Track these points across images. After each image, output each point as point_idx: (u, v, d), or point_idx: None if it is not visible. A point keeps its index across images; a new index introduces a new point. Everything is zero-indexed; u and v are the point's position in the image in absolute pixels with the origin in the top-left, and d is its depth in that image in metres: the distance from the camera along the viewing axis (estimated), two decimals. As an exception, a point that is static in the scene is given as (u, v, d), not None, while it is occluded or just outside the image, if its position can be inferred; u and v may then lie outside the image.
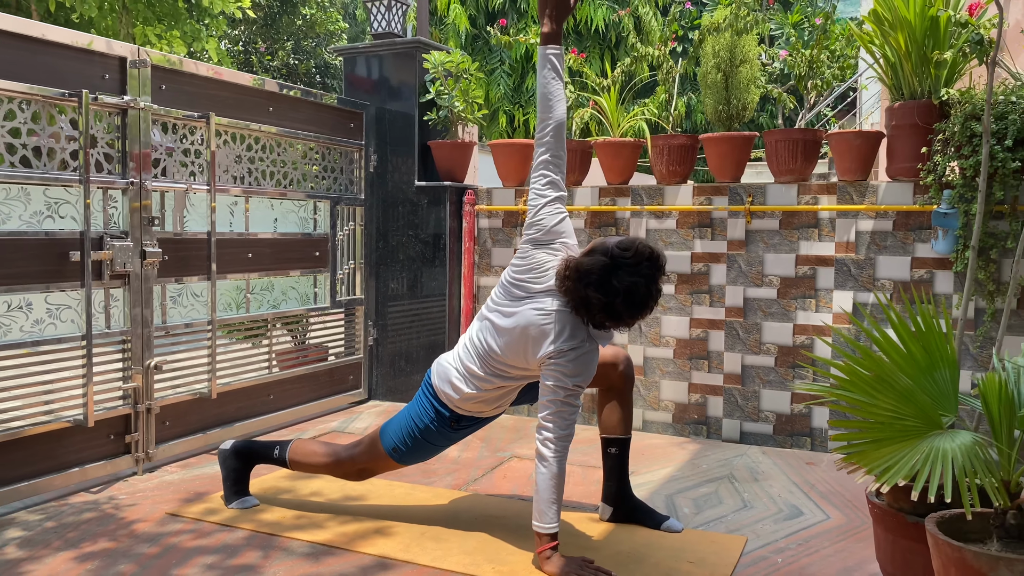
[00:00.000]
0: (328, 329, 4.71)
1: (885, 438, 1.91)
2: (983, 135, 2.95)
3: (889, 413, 1.92)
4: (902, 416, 1.91)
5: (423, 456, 2.92)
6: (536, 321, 2.58)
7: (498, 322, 2.67)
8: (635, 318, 2.53)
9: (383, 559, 2.67)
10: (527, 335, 2.59)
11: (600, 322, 2.55)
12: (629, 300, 2.47)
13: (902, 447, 1.87)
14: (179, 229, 3.71)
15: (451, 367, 2.79)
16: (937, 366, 2.07)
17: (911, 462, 1.83)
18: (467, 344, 2.77)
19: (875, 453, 1.90)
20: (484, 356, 2.70)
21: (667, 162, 4.37)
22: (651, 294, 2.50)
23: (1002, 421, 1.94)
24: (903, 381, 1.93)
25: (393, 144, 4.91)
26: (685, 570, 2.59)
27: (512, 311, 2.64)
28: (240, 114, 4.01)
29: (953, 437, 1.88)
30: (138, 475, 3.53)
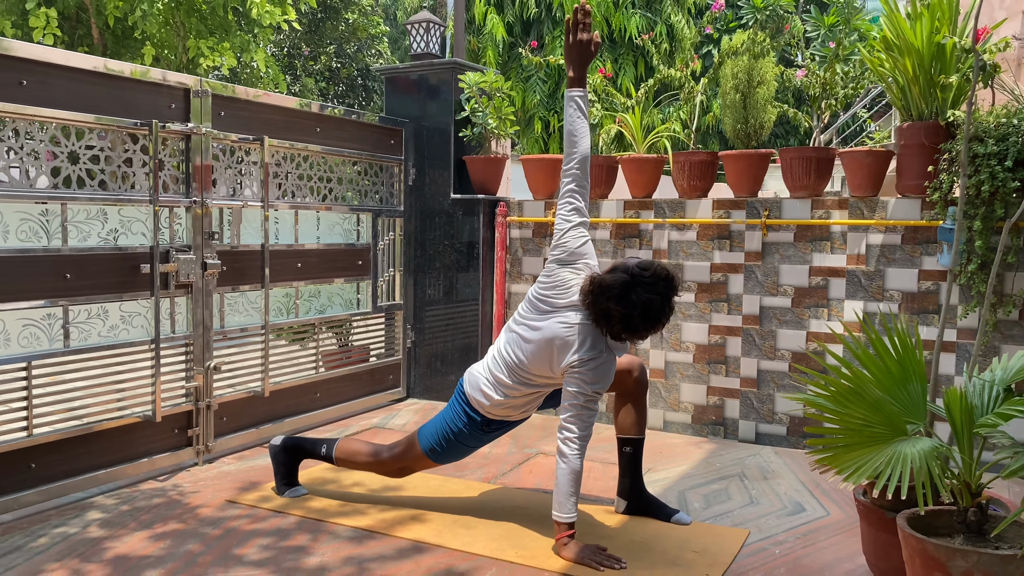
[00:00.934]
0: (370, 332, 5.05)
1: (855, 443, 2.17)
2: (962, 149, 3.17)
3: (859, 421, 2.19)
4: (871, 424, 2.17)
5: (457, 456, 3.23)
6: (560, 333, 2.88)
7: (525, 334, 2.97)
8: (649, 331, 2.82)
9: (418, 543, 2.99)
10: (552, 346, 2.89)
11: (617, 333, 2.84)
12: (645, 314, 2.76)
13: (869, 451, 2.13)
14: (236, 242, 4.07)
15: (481, 376, 3.10)
16: (910, 379, 2.33)
17: (875, 464, 2.09)
18: (496, 355, 3.08)
19: (845, 456, 2.16)
20: (512, 366, 3.00)
21: (688, 177, 4.63)
22: (664, 310, 2.79)
23: (963, 430, 2.19)
24: (873, 393, 2.19)
25: (430, 159, 5.23)
26: (689, 559, 2.87)
27: (538, 324, 2.94)
28: (290, 135, 4.36)
29: (915, 443, 2.13)
30: (199, 466, 3.90)
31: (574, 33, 3.01)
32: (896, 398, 2.30)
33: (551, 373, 2.94)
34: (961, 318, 4.03)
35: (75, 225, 3.41)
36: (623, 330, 2.81)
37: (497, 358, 3.06)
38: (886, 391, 2.29)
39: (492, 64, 9.95)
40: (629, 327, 2.79)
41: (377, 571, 2.76)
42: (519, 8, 10.12)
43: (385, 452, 3.33)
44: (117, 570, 2.74)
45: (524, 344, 2.96)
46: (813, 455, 2.25)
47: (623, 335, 2.85)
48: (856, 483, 2.11)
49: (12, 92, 3.14)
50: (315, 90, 15.65)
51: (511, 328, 3.05)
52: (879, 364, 2.37)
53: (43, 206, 3.29)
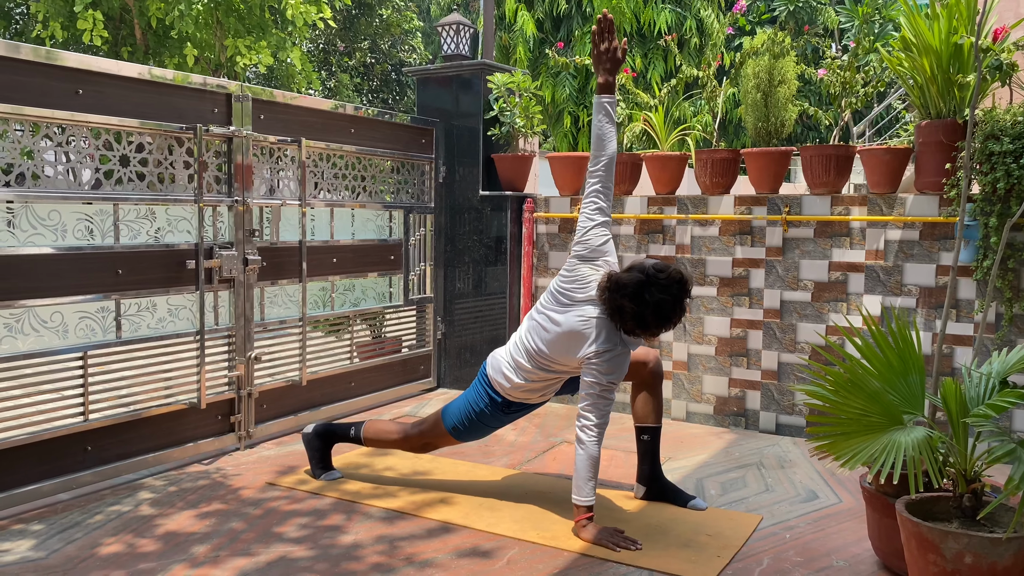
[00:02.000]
0: (402, 324, 5.25)
1: (853, 432, 2.30)
2: (965, 146, 3.26)
3: (858, 411, 2.31)
4: (868, 413, 2.30)
5: (478, 435, 3.40)
6: (577, 327, 3.04)
7: (545, 324, 3.13)
8: (660, 329, 2.96)
9: (445, 523, 3.18)
10: (570, 338, 3.05)
11: (630, 329, 2.99)
12: (657, 313, 2.91)
13: (866, 439, 2.26)
14: (275, 239, 4.28)
15: (503, 360, 3.27)
16: (909, 371, 2.45)
17: (871, 451, 2.22)
18: (517, 341, 3.25)
19: (843, 444, 2.29)
20: (531, 352, 3.17)
21: (711, 174, 4.74)
22: (676, 311, 2.94)
23: (958, 419, 2.32)
24: (871, 384, 2.32)
25: (460, 157, 5.41)
26: (702, 541, 3.01)
27: (557, 317, 3.10)
28: (326, 136, 4.56)
29: (910, 432, 2.26)
30: (240, 450, 4.12)
31: (599, 42, 3.16)
32: (896, 389, 2.43)
33: (568, 362, 3.10)
34: (977, 312, 4.11)
35: (126, 224, 3.63)
36: (636, 326, 2.96)
37: (519, 344, 3.23)
38: (887, 383, 2.41)
39: (522, 60, 10.09)
40: (641, 324, 2.93)
41: (407, 549, 2.95)
42: (549, 5, 10.25)
43: (411, 430, 3.51)
44: (167, 545, 2.96)
45: (544, 333, 3.13)
46: (813, 442, 2.38)
47: (636, 331, 2.99)
48: (851, 468, 2.24)
49: (68, 100, 3.37)
50: (350, 86, 15.90)
51: (533, 316, 3.22)
52: (880, 357, 2.50)
53: (96, 206, 3.52)
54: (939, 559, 2.24)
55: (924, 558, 2.28)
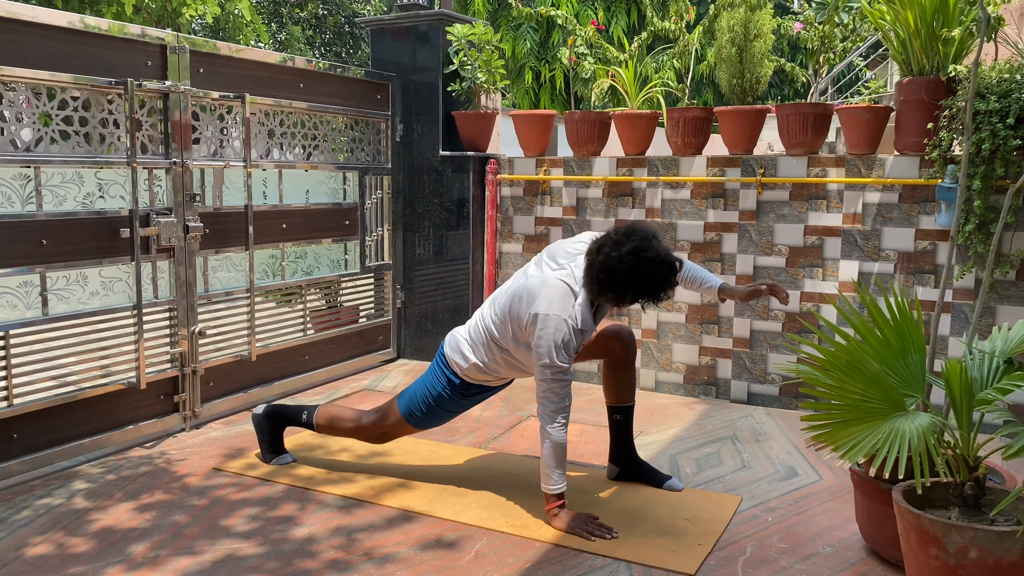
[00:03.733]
0: (358, 293, 4.97)
1: (852, 419, 2.12)
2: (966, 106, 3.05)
3: (857, 396, 2.13)
4: (869, 399, 2.12)
5: (437, 421, 3.17)
6: (529, 285, 2.82)
7: (499, 298, 2.93)
8: (639, 295, 2.70)
9: (407, 511, 2.96)
10: (519, 298, 2.83)
11: (606, 283, 2.66)
12: (650, 278, 2.66)
13: (866, 427, 2.09)
14: (218, 204, 3.97)
15: (462, 339, 3.04)
16: (908, 350, 2.27)
17: (872, 441, 2.04)
18: (478, 320, 3.02)
19: (842, 432, 2.12)
20: (489, 331, 2.95)
21: (683, 134, 4.52)
22: (664, 283, 2.69)
23: (962, 404, 2.15)
24: (871, 367, 2.13)
25: (418, 114, 5.10)
26: (681, 527, 2.84)
27: (513, 284, 2.91)
28: (272, 92, 4.23)
29: (913, 419, 2.09)
30: (186, 432, 3.85)
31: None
32: (893, 370, 2.25)
33: (514, 339, 2.87)
34: (958, 279, 3.97)
35: (49, 189, 3.30)
36: (619, 285, 2.65)
37: (479, 323, 3.01)
38: (883, 363, 2.23)
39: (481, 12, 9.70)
40: (628, 283, 2.65)
41: (366, 542, 2.73)
42: (509, -46, 9.82)
43: (365, 418, 3.26)
44: (102, 543, 2.70)
45: (498, 307, 2.93)
46: (809, 431, 2.20)
47: (609, 290, 2.68)
48: (853, 461, 2.07)
49: (-22, 51, 3.01)
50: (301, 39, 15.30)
51: (494, 298, 3.01)
52: (875, 334, 2.31)
53: (13, 170, 3.18)
54: (941, 553, 2.09)
55: (924, 551, 2.13)
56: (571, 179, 4.84)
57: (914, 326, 2.26)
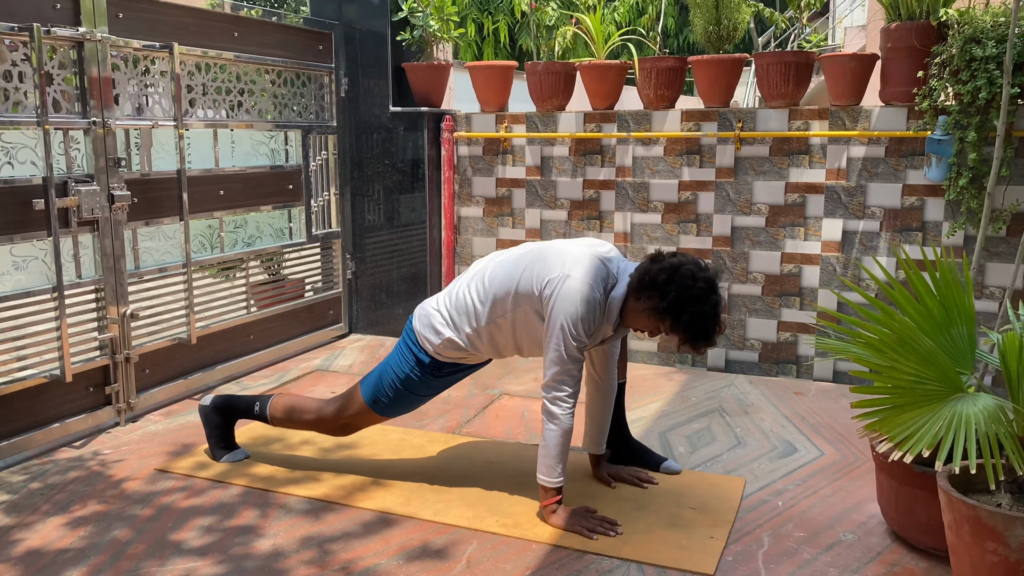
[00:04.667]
0: (305, 264, 4.56)
1: (906, 403, 1.88)
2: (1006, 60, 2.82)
3: (911, 377, 1.89)
4: (924, 380, 1.88)
5: (406, 407, 2.84)
6: (560, 249, 2.56)
7: (496, 268, 2.61)
8: (682, 322, 2.39)
9: (384, 514, 2.64)
10: (541, 260, 2.53)
11: (666, 291, 2.39)
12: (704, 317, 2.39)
13: (923, 412, 1.84)
14: (147, 169, 3.51)
15: (434, 312, 2.71)
16: (954, 322, 2.03)
17: (933, 429, 1.80)
18: (459, 292, 2.69)
19: (895, 420, 1.87)
20: (475, 302, 2.62)
21: (655, 86, 4.21)
22: (705, 333, 2.41)
23: (1020, 381, 1.92)
24: (924, 343, 1.89)
25: (364, 67, 4.66)
26: (688, 517, 2.59)
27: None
28: (203, 41, 3.75)
29: (975, 401, 1.85)
30: (121, 426, 3.43)
31: None
32: (941, 346, 2.01)
33: (516, 308, 2.55)
34: (948, 235, 3.79)
35: (-55, 155, 2.82)
36: (677, 300, 2.37)
37: (462, 293, 2.68)
38: (930, 338, 1.98)
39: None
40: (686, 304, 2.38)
41: (341, 553, 2.40)
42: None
43: (326, 409, 2.89)
44: (28, 570, 2.31)
45: (495, 274, 2.62)
46: (861, 420, 1.95)
47: (664, 301, 2.38)
48: (915, 453, 1.82)
49: None
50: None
51: (481, 269, 2.68)
52: (917, 306, 2.07)
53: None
54: (1001, 548, 1.87)
55: (980, 545, 1.91)
56: (535, 136, 4.50)
57: (961, 294, 2.02)
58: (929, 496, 2.27)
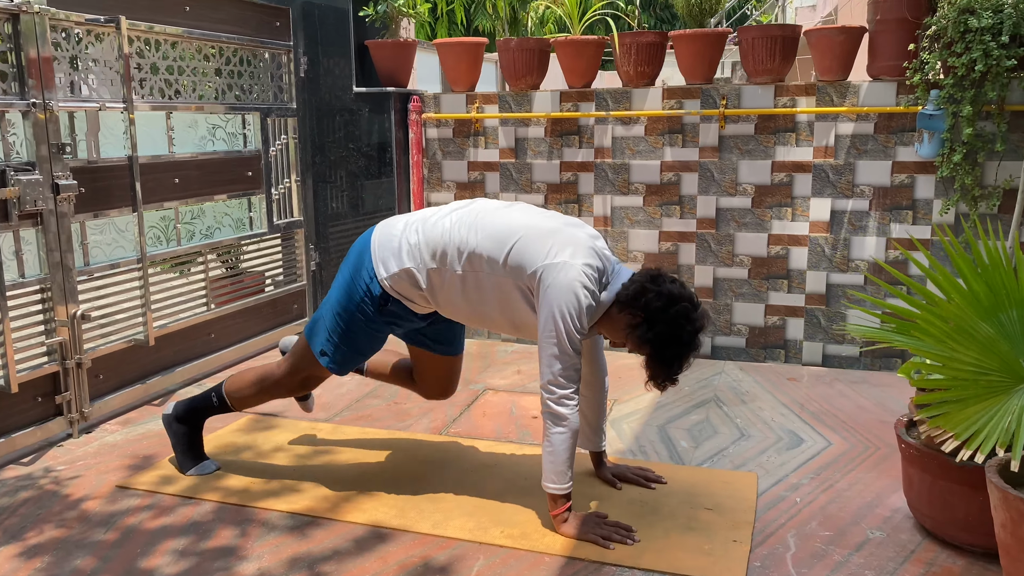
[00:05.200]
0: (267, 256, 4.27)
1: (970, 396, 1.73)
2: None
3: (972, 368, 1.74)
4: (986, 370, 1.73)
5: (354, 354, 2.55)
6: (553, 228, 2.34)
7: (491, 218, 2.38)
8: (656, 337, 2.24)
9: (377, 528, 2.42)
10: (539, 234, 2.31)
11: (647, 307, 2.24)
12: (677, 340, 2.26)
13: (988, 406, 1.70)
14: (94, 156, 3.20)
15: (400, 237, 2.43)
16: (1003, 307, 1.89)
17: (1003, 424, 1.65)
18: (435, 224, 2.42)
19: (960, 415, 1.72)
20: (450, 241, 2.38)
21: (635, 62, 4.02)
22: (677, 356, 2.29)
23: (1080, 366, 1.78)
24: (984, 330, 1.74)
25: (325, 45, 4.38)
26: (706, 519, 2.43)
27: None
28: (152, 15, 3.44)
29: (1042, 392, 1.71)
30: (74, 438, 3.13)
31: None
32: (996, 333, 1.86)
33: (494, 266, 2.33)
34: (942, 213, 3.69)
35: None
36: (656, 317, 2.23)
37: (435, 224, 2.42)
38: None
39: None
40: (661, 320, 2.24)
41: (335, 575, 2.17)
42: None
43: (279, 371, 2.67)
44: (-20, 612, 2.04)
45: (483, 223, 2.38)
46: (924, 415, 1.79)
47: (643, 314, 2.24)
48: (985, 452, 1.67)
49: None
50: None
51: (474, 209, 2.44)
52: (963, 290, 1.92)
53: None
54: (1065, 548, 1.73)
55: (1040, 546, 1.77)
56: (508, 117, 4.27)
57: (1010, 276, 1.87)
58: (969, 491, 2.14)
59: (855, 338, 3.86)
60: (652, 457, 2.90)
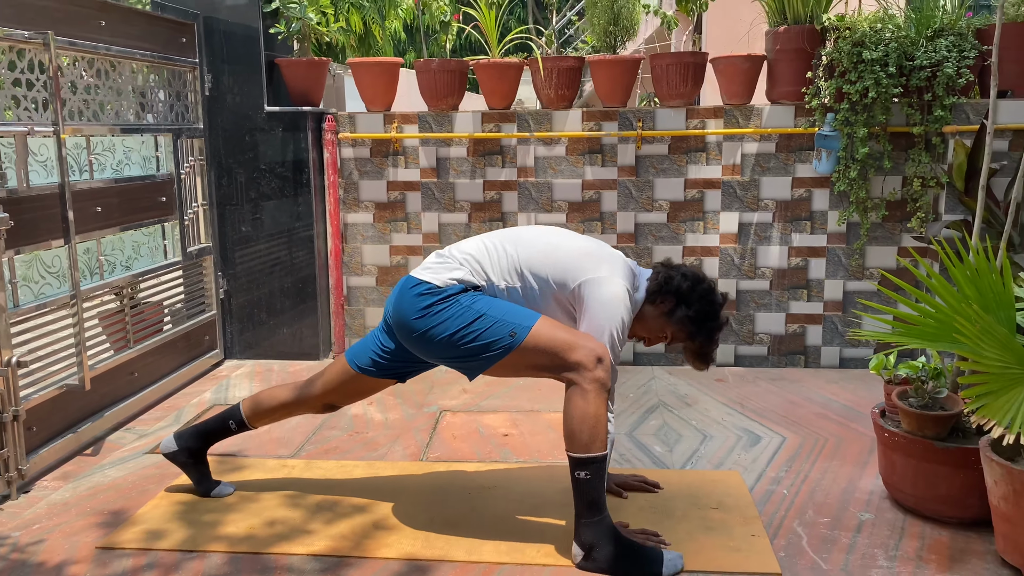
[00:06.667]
0: (180, 286, 4.01)
1: (1000, 388, 2.00)
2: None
3: (997, 363, 2.02)
4: (1008, 365, 2.02)
5: (505, 312, 2.37)
6: (589, 249, 2.47)
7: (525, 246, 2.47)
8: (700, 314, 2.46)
9: (412, 561, 2.37)
10: (570, 254, 2.43)
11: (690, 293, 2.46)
12: (711, 322, 2.49)
13: (1015, 395, 1.98)
14: (23, 185, 2.89)
15: (436, 267, 2.46)
16: (990, 309, 2.20)
17: (1032, 409, 1.94)
18: (466, 247, 2.51)
19: (995, 405, 1.99)
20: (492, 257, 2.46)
21: (556, 86, 4.17)
22: (720, 326, 2.53)
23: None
24: (1000, 331, 2.02)
25: (232, 62, 4.18)
26: (718, 518, 2.59)
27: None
28: (71, 30, 3.16)
29: (1050, 379, 2.02)
30: (12, 499, 2.81)
31: None
32: (986, 330, 2.16)
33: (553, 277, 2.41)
34: (839, 223, 4.12)
35: None
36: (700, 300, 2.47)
37: (489, 246, 2.49)
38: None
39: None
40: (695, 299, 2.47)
41: (396, 614, 2.13)
42: None
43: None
44: None
45: (525, 242, 2.48)
46: (972, 406, 2.04)
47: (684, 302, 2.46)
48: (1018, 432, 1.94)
49: None
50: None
51: (508, 232, 2.56)
52: (955, 294, 2.21)
53: None
54: (1064, 511, 2.05)
55: (1042, 511, 2.08)
56: (429, 137, 4.28)
57: (998, 281, 2.18)
58: (951, 471, 2.45)
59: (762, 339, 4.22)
60: (637, 464, 3.04)
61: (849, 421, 3.43)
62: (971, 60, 3.73)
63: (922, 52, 3.74)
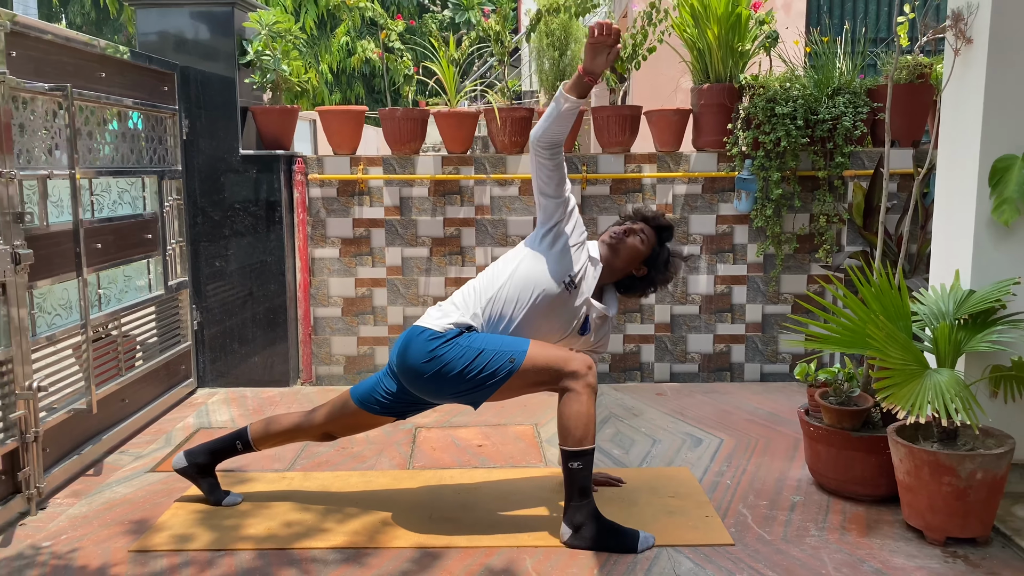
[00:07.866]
0: (162, 318, 4.25)
1: (902, 381, 2.53)
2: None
3: (900, 361, 2.55)
4: (908, 363, 2.55)
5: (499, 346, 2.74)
6: None
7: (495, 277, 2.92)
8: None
9: (425, 548, 2.73)
10: None
11: None
12: None
13: (913, 387, 2.51)
14: (44, 223, 3.14)
15: (437, 316, 2.84)
16: (892, 320, 2.74)
17: (926, 397, 2.46)
18: (459, 296, 2.92)
19: (900, 393, 2.51)
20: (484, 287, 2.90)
21: (509, 133, 4.64)
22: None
23: (946, 358, 2.67)
24: (900, 336, 2.56)
25: (209, 109, 4.48)
26: (676, 505, 3.05)
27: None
28: (78, 81, 3.44)
29: (939, 374, 2.56)
30: (32, 515, 3.02)
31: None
32: (890, 337, 2.70)
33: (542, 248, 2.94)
34: (758, 255, 4.71)
35: None
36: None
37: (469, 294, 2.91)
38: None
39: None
40: None
41: (419, 590, 2.48)
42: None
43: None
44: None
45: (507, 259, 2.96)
46: (881, 395, 2.56)
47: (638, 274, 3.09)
48: (924, 416, 2.46)
49: None
50: None
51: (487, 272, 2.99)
52: (864, 309, 2.75)
53: None
54: (954, 480, 2.59)
55: (937, 481, 2.61)
56: (393, 178, 4.67)
57: (897, 298, 2.74)
58: (864, 455, 2.98)
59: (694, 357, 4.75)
60: (600, 465, 3.46)
61: (774, 425, 3.96)
62: (864, 115, 4.39)
63: (824, 108, 4.38)
